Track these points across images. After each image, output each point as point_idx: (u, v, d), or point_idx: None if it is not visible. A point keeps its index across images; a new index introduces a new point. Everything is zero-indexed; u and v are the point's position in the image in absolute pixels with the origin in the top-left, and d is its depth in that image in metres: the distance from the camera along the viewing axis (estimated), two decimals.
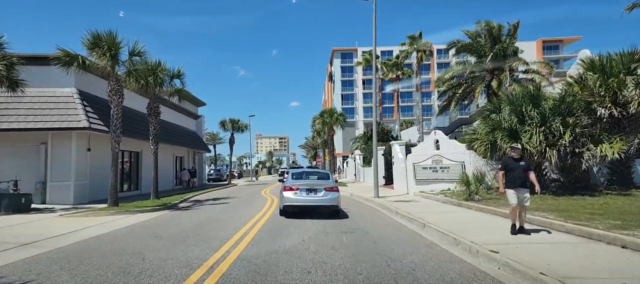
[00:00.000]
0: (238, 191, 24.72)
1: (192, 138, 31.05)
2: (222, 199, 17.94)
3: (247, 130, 34.66)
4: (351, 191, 20.65)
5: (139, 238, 7.63)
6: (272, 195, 19.25)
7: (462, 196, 11.95)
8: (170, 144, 25.18)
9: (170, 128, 26.07)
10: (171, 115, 26.91)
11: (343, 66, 77.48)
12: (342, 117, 29.45)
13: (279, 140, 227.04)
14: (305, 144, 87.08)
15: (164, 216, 11.45)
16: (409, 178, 16.75)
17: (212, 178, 44.97)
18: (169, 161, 26.55)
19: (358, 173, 34.72)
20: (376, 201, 14.35)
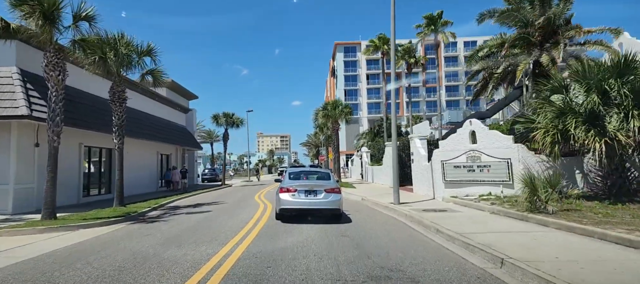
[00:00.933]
0: (229, 194, 21.49)
1: (181, 134, 27.85)
2: (205, 205, 14.72)
3: (242, 125, 31.49)
4: (361, 194, 17.39)
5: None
6: (267, 200, 16.02)
7: (522, 206, 8.66)
8: (153, 140, 21.98)
9: (153, 121, 22.86)
10: (154, 106, 23.70)
11: (346, 60, 74.13)
12: (348, 109, 26.23)
13: (281, 139, 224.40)
14: (306, 142, 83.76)
15: (110, 235, 8.23)
16: (435, 179, 13.46)
17: (207, 178, 41.85)
18: (152, 159, 23.35)
19: (365, 172, 31.43)
20: (398, 209, 11.09)
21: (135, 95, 20.84)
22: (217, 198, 17.99)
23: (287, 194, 9.18)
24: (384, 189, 20.22)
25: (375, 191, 18.61)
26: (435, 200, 13.32)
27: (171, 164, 26.59)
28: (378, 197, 15.29)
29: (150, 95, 22.86)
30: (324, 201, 9.06)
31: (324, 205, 9.04)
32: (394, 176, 12.91)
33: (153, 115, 23.25)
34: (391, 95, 13.00)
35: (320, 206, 9.05)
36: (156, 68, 13.94)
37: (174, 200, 17.07)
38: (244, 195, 20.05)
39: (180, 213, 12.16)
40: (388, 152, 21.91)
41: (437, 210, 10.50)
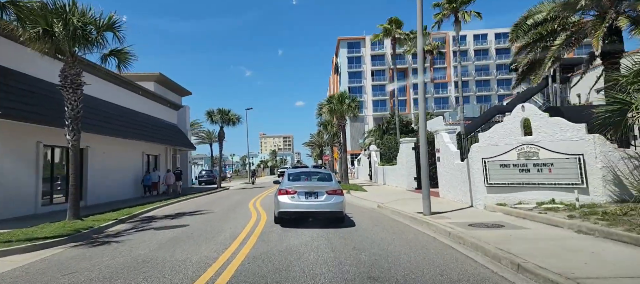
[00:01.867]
0: (222, 199, 18.73)
1: (172, 133, 25.17)
2: (187, 215, 11.96)
3: (240, 122, 28.79)
4: (375, 199, 14.57)
5: None
6: (263, 208, 13.26)
7: (624, 223, 5.81)
8: (137, 138, 19.30)
9: (137, 118, 20.17)
10: (138, 101, 21.00)
11: (350, 56, 71.27)
12: (356, 103, 23.41)
13: (283, 139, 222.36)
14: (309, 141, 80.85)
15: (13, 274, 5.49)
16: (473, 182, 10.62)
17: (204, 181, 39.23)
18: (136, 161, 20.64)
19: (375, 173, 28.57)
20: (434, 223, 8.27)
21: (112, 87, 18.23)
22: (205, 205, 15.23)
23: (286, 196, 8.65)
24: (400, 192, 17.39)
25: (391, 196, 15.77)
26: (474, 208, 10.48)
27: (160, 165, 23.90)
28: (398, 204, 12.45)
29: (132, 89, 20.18)
30: (326, 203, 8.56)
31: (325, 208, 8.55)
32: (423, 178, 10.11)
33: (137, 111, 20.57)
34: (418, 76, 10.15)
35: (322, 208, 8.55)
36: (122, 48, 11.16)
37: (154, 208, 14.35)
38: (238, 200, 17.28)
39: (148, 229, 9.43)
40: (404, 150, 19.08)
41: (490, 225, 7.67)
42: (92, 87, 16.28)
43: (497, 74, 68.36)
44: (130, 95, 20.13)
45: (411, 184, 18.62)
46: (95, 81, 16.60)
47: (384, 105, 68.69)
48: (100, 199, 16.42)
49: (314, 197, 8.61)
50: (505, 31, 66.89)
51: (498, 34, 67.95)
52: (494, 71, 68.50)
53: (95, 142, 16.39)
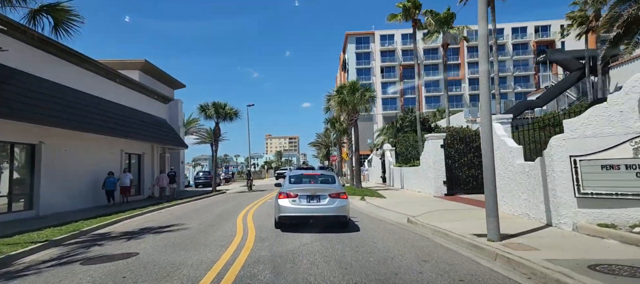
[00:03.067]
0: (209, 207, 15.58)
1: (160, 129, 22.13)
2: (148, 235, 8.80)
3: (237, 117, 25.60)
4: (400, 209, 11.27)
5: None
6: (254, 222, 10.06)
7: None
8: (113, 134, 16.29)
9: (114, 110, 17.16)
10: (117, 91, 17.96)
11: (358, 52, 67.96)
12: (369, 93, 20.11)
13: (289, 140, 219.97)
14: (315, 141, 77.69)
15: None
16: (553, 190, 7.30)
17: (201, 183, 36.26)
18: (112, 160, 17.57)
19: (390, 175, 25.26)
20: (522, 261, 5.01)
21: (80, 71, 15.20)
22: (185, 216, 12.08)
23: (287, 200, 8.31)
24: (427, 200, 14.09)
25: (418, 204, 12.47)
26: (556, 228, 7.16)
27: (146, 166, 20.85)
28: (434, 217, 9.14)
29: (106, 74, 17.14)
30: (329, 207, 8.18)
31: (328, 212, 8.18)
32: (487, 184, 6.84)
33: (113, 102, 17.54)
34: (480, 55, 6.95)
35: (325, 212, 8.18)
36: (58, 2, 8.04)
37: (117, 221, 11.26)
38: (228, 209, 14.11)
39: (79, 258, 6.37)
40: (431, 149, 15.76)
41: (634, 269, 4.39)
42: (51, 70, 13.37)
43: (514, 71, 64.55)
44: (104, 82, 17.10)
45: (440, 189, 15.31)
46: (54, 62, 13.61)
47: (394, 103, 65.32)
48: (58, 207, 13.36)
49: (316, 201, 8.22)
50: (522, 26, 63.20)
51: (515, 28, 64.17)
52: (511, 68, 64.69)
53: (53, 137, 13.36)
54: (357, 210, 12.97)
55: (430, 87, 66.37)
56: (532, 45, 63.74)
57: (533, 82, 63.05)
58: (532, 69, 64.02)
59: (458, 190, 15.47)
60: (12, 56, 10.52)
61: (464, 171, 15.57)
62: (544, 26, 63.03)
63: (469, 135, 15.88)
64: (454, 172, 15.64)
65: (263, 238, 7.62)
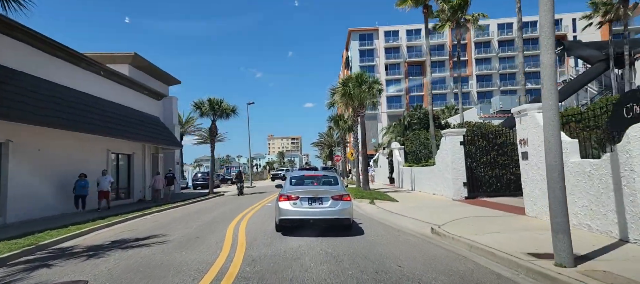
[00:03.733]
0: (200, 213, 13.97)
1: (153, 127, 20.58)
2: (116, 251, 7.19)
3: (235, 114, 23.98)
4: (418, 215, 9.62)
5: None
6: (247, 233, 8.43)
7: None
8: (96, 132, 14.75)
9: (97, 105, 15.61)
10: (103, 85, 16.41)
11: (362, 49, 66.22)
12: (377, 86, 18.40)
13: (292, 141, 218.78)
14: (318, 141, 76.04)
15: None
16: (633, 195, 5.61)
17: (200, 184, 34.64)
18: (97, 161, 16.00)
19: (399, 176, 23.57)
20: None
21: (59, 63, 13.67)
22: (169, 225, 10.48)
23: (288, 202, 7.88)
24: (446, 203, 12.40)
25: (439, 210, 10.79)
26: (637, 246, 5.46)
27: (136, 167, 19.29)
28: (465, 227, 7.46)
29: (89, 67, 15.58)
30: (331, 209, 7.78)
31: (331, 215, 7.78)
32: (553, 191, 5.14)
33: (98, 97, 16.00)
34: (545, 42, 5.15)
35: (327, 215, 7.78)
36: None
37: (91, 231, 9.70)
38: (221, 215, 12.50)
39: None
40: (448, 146, 14.07)
41: None
42: (18, 59, 11.77)
43: (525, 66, 62.47)
44: (88, 75, 15.54)
45: (459, 191, 13.62)
46: (23, 49, 12.05)
47: (399, 101, 63.54)
48: (32, 214, 11.83)
49: (318, 203, 7.89)
50: (532, 19, 61.25)
51: (525, 22, 62.07)
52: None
53: (24, 135, 11.82)
54: (368, 216, 11.32)
55: (436, 84, 64.47)
56: None
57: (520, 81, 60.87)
58: None
59: (479, 193, 13.78)
60: None
61: (486, 172, 13.87)
62: (555, 20, 60.93)
63: (491, 131, 14.18)
64: (474, 172, 13.95)
65: (254, 259, 5.98)
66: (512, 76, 62.81)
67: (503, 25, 62.61)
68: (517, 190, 13.56)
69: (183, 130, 46.51)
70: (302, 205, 7.81)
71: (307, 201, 7.84)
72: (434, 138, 19.09)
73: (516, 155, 13.86)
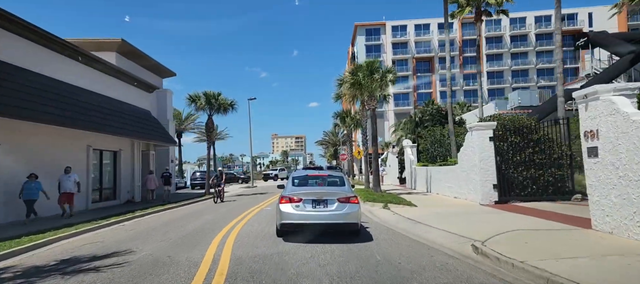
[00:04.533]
0: (185, 220, 12.15)
1: (143, 122, 18.82)
2: (54, 276, 5.35)
3: (233, 109, 22.13)
4: (447, 226, 7.71)
5: None
6: (238, 247, 6.54)
7: None
8: (74, 126, 12.98)
9: (75, 96, 13.85)
10: (85, 74, 14.64)
11: (368, 45, 64.17)
12: (392, 75, 16.42)
13: (296, 140, 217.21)
14: (322, 140, 74.10)
15: None
16: None
17: (198, 184, 32.94)
18: (76, 159, 14.24)
19: (412, 176, 21.62)
20: None
21: (29, 46, 11.91)
22: (140, 236, 8.66)
23: (290, 205, 7.23)
24: (477, 210, 10.45)
25: (473, 219, 8.87)
26: None
27: (121, 166, 17.53)
28: (521, 246, 5.51)
29: (66, 52, 13.80)
30: (337, 213, 7.12)
31: (337, 219, 7.12)
32: None
33: (78, 87, 14.24)
34: None
35: (332, 220, 7.13)
36: None
37: (51, 242, 7.90)
38: (211, 221, 10.65)
39: None
40: (475, 143, 12.10)
41: None
42: None
43: (538, 63, 60.16)
44: (65, 62, 13.79)
45: (489, 195, 11.68)
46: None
47: (406, 98, 61.45)
48: None
49: (322, 206, 7.17)
50: (546, 14, 58.87)
51: (538, 16, 59.75)
52: (534, 59, 60.33)
53: None
54: (385, 225, 9.43)
55: (445, 81, 62.19)
56: None
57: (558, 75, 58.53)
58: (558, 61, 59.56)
59: (511, 196, 11.82)
60: None
61: (520, 172, 11.88)
62: (570, 14, 58.48)
63: (526, 125, 12.19)
64: (505, 173, 11.97)
65: None
66: (524, 72, 60.46)
67: (515, 19, 60.21)
68: (555, 194, 11.62)
69: (183, 126, 44.95)
70: (306, 208, 7.18)
71: (311, 204, 7.20)
72: (453, 134, 17.12)
73: (556, 153, 12.02)
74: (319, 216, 7.13)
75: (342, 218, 7.12)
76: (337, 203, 7.17)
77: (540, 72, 60.05)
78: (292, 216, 7.13)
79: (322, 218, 7.13)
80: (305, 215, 7.12)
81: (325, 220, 7.13)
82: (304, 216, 7.11)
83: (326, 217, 7.13)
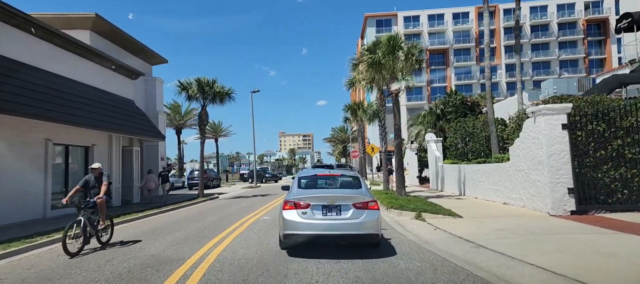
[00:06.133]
0: (157, 233, 9.34)
1: (123, 112, 16.06)
2: None
3: (230, 99, 19.28)
4: (546, 260, 4.66)
5: None
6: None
7: None
8: (28, 114, 10.23)
9: (30, 78, 11.09)
10: (45, 52, 11.88)
11: (379, 37, 60.83)
12: (417, 51, 13.28)
13: (303, 138, 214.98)
14: (331, 137, 71.12)
15: None
16: None
17: (195, 183, 30.16)
18: (31, 155, 11.50)
19: (438, 176, 18.55)
20: None
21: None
22: (84, 263, 5.80)
23: (295, 212, 5.93)
24: (552, 222, 7.42)
25: (562, 241, 5.84)
26: None
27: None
28: None
29: (13, 22, 11.02)
30: (353, 221, 5.81)
31: (353, 229, 5.79)
32: None
33: (32, 66, 11.49)
34: None
35: (348, 230, 5.80)
36: None
37: None
38: (186, 237, 7.78)
39: None
40: (541, 133, 9.04)
41: None
42: None
43: (560, 54, 56.31)
44: (17, 35, 11.03)
45: (561, 202, 8.65)
46: None
47: (419, 93, 58.13)
48: None
49: (335, 213, 5.89)
50: (569, 2, 55.05)
51: (561, 5, 55.88)
52: (556, 51, 56.50)
53: None
54: (426, 247, 6.57)
55: (461, 74, 58.85)
56: (582, 24, 55.39)
57: (583, 67, 54.72)
58: (582, 52, 55.65)
59: (593, 205, 8.74)
60: None
61: (605, 172, 8.76)
62: (594, 2, 54.57)
63: (613, 108, 9.06)
64: (583, 173, 8.88)
65: None
66: (546, 64, 56.69)
67: (536, 8, 56.43)
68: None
69: (182, 122, 42.37)
70: (315, 215, 5.95)
71: (321, 211, 5.96)
72: (494, 124, 14.02)
73: None
74: (330, 226, 5.85)
75: (359, 227, 5.84)
76: (353, 210, 5.91)
77: (563, 63, 56.21)
78: (298, 226, 5.87)
79: (334, 228, 5.84)
80: (314, 225, 5.85)
81: (338, 230, 5.84)
82: (312, 226, 5.84)
83: (340, 227, 5.85)
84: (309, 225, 5.83)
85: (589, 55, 55.54)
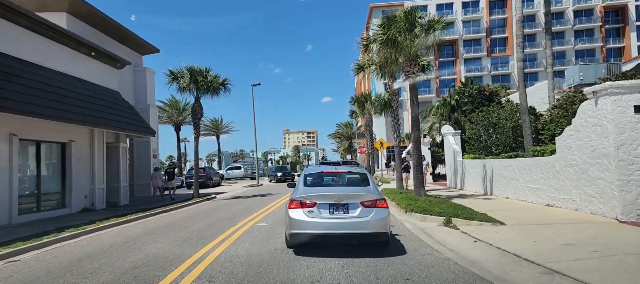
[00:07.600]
0: (128, 246, 7.59)
1: (106, 105, 14.40)
2: None
3: (225, 91, 17.52)
4: None
5: None
6: None
7: None
8: None
9: None
10: (10, 34, 10.23)
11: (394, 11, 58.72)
12: (440, 26, 11.40)
13: (307, 135, 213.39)
14: (335, 133, 69.29)
15: None
16: None
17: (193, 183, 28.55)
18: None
19: (456, 172, 16.71)
20: None
21: None
22: None
23: (301, 211, 5.82)
24: (630, 234, 5.54)
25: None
26: None
27: (70, 161, 13.16)
28: None
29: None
30: (361, 220, 5.67)
31: (361, 228, 5.67)
32: None
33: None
34: None
35: (356, 229, 5.69)
36: None
37: None
38: (164, 249, 6.06)
39: None
40: (607, 117, 7.15)
41: None
42: None
43: (576, 43, 53.86)
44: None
45: (634, 206, 6.92)
46: None
47: (427, 86, 56.00)
48: None
49: (342, 211, 5.76)
50: None
51: None
52: (572, 40, 54.06)
53: None
54: (472, 269, 4.82)
55: (470, 65, 56.68)
56: (599, 11, 52.84)
57: (600, 56, 52.21)
58: (599, 40, 53.12)
59: None
60: None
61: None
62: None
63: None
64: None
65: None
66: (561, 54, 54.25)
67: None
68: None
69: (182, 117, 40.82)
70: (321, 213, 5.73)
71: (328, 209, 5.73)
72: (527, 113, 12.14)
73: None
74: (338, 225, 5.72)
75: (367, 226, 5.67)
76: (361, 208, 5.77)
77: (579, 53, 53.73)
78: (305, 225, 5.76)
79: (342, 226, 5.72)
80: (321, 224, 5.72)
81: (346, 229, 5.72)
82: (319, 225, 5.72)
83: (347, 226, 5.72)
84: (316, 224, 5.69)
85: (607, 43, 53.01)
